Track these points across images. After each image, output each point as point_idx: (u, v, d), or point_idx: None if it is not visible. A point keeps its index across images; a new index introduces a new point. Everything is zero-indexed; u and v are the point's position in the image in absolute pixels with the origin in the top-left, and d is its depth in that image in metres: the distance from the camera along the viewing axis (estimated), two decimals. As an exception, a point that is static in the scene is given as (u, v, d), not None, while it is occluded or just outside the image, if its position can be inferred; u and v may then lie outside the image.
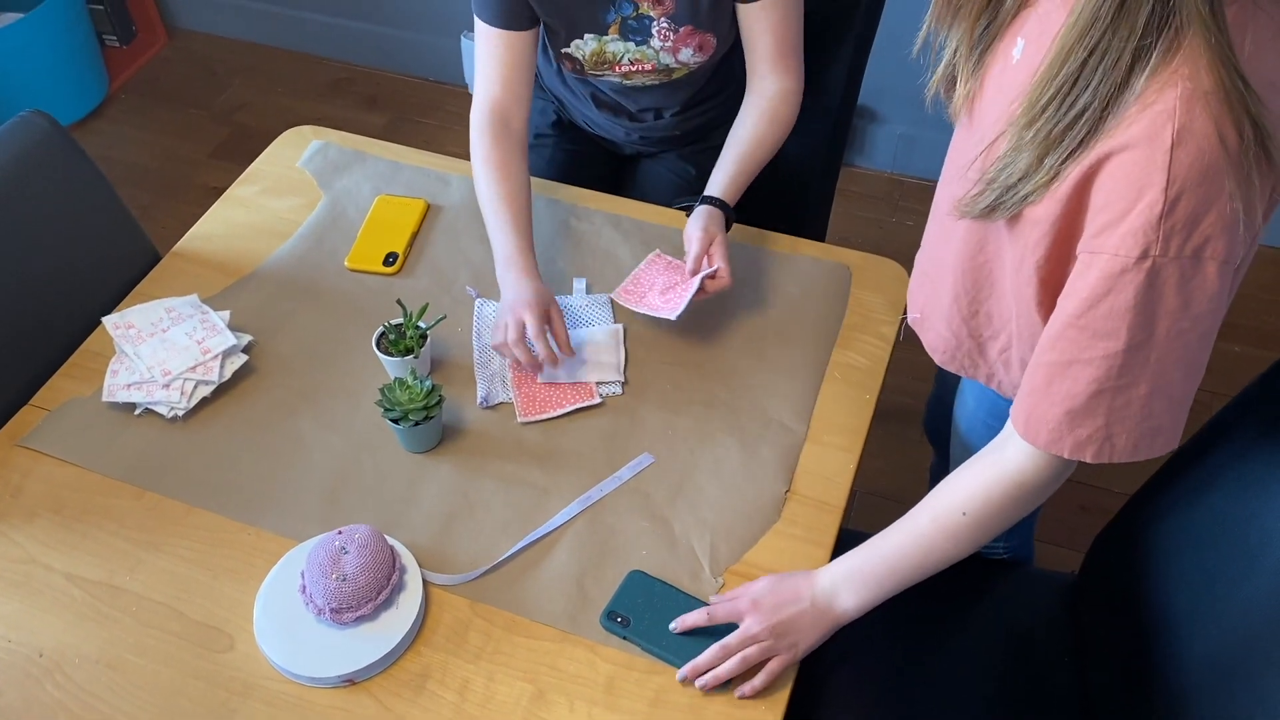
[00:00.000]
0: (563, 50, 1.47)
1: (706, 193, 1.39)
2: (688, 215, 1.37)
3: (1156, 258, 0.82)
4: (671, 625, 1.09)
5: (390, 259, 1.48)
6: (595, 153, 1.73)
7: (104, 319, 1.37)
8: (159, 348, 1.33)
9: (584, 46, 1.45)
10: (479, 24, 1.41)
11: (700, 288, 1.31)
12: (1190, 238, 0.81)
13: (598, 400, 1.31)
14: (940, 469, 1.60)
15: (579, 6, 1.40)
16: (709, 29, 1.42)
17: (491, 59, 1.42)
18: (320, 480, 1.24)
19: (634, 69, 1.47)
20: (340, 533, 1.12)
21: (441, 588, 1.15)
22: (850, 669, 1.28)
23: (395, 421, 1.21)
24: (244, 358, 1.34)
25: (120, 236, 1.51)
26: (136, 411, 1.30)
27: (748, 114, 1.44)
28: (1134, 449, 0.93)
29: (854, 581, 1.08)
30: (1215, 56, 0.78)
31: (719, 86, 1.56)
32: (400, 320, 1.32)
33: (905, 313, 1.27)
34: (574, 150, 1.72)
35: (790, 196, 1.74)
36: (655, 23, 1.40)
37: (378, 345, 1.31)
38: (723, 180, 1.39)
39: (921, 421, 1.72)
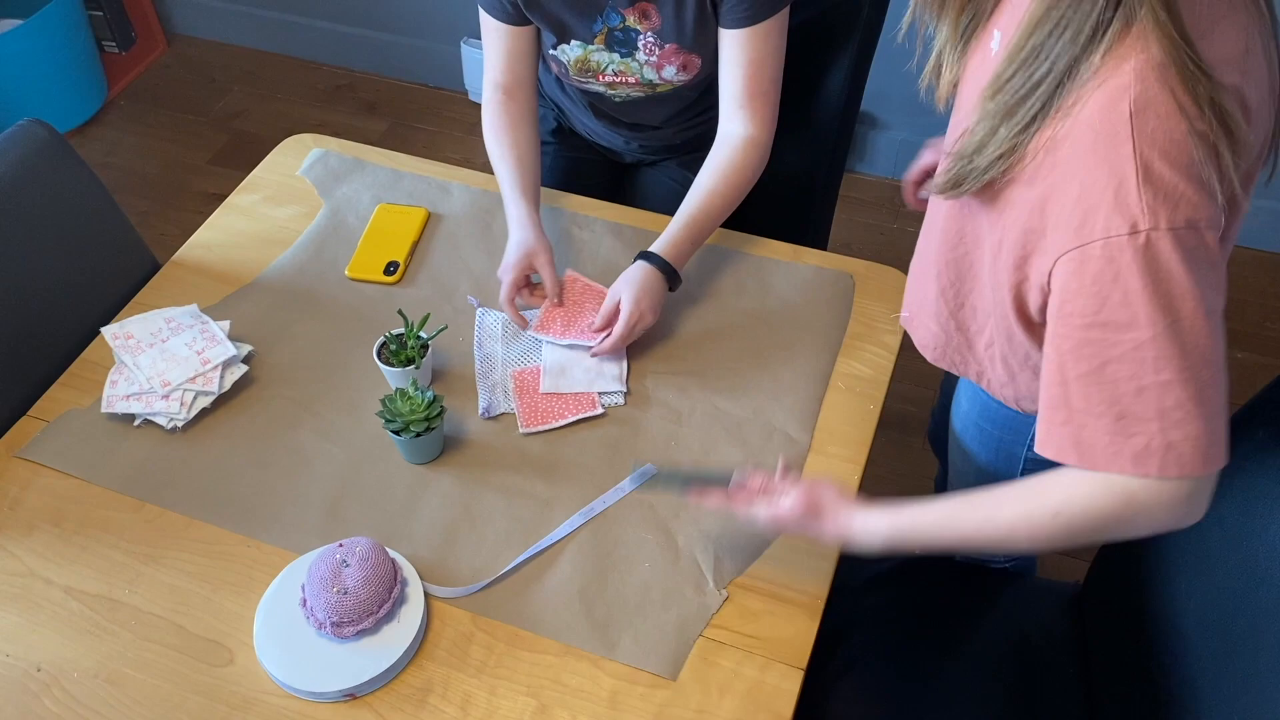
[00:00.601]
0: (549, 53, 1.47)
1: (650, 248, 1.37)
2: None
3: (1148, 230, 0.80)
4: (688, 490, 1.09)
5: (391, 268, 1.47)
6: (596, 160, 1.72)
7: (103, 329, 1.37)
8: (158, 358, 1.32)
9: (569, 52, 1.45)
10: (482, 12, 1.45)
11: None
12: (1178, 206, 0.80)
13: (600, 411, 1.30)
14: (945, 481, 1.59)
15: (567, 14, 1.40)
16: (694, 50, 1.41)
17: (494, 48, 1.48)
18: (321, 492, 1.23)
19: (618, 80, 1.47)
20: (341, 545, 1.11)
21: (443, 601, 1.14)
22: (854, 682, 1.27)
23: (396, 433, 1.21)
24: (244, 368, 1.34)
25: (119, 246, 1.50)
26: (136, 423, 1.30)
27: (708, 168, 1.42)
28: (1205, 455, 0.86)
29: (889, 520, 1.03)
30: (1163, 34, 0.79)
31: (714, 100, 1.55)
32: (401, 330, 1.31)
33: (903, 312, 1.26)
34: (574, 158, 1.71)
35: (792, 203, 1.73)
36: (642, 37, 1.40)
37: (378, 355, 1.30)
38: (666, 239, 1.37)
39: (926, 431, 1.71)
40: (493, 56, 1.49)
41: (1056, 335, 0.90)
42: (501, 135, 1.47)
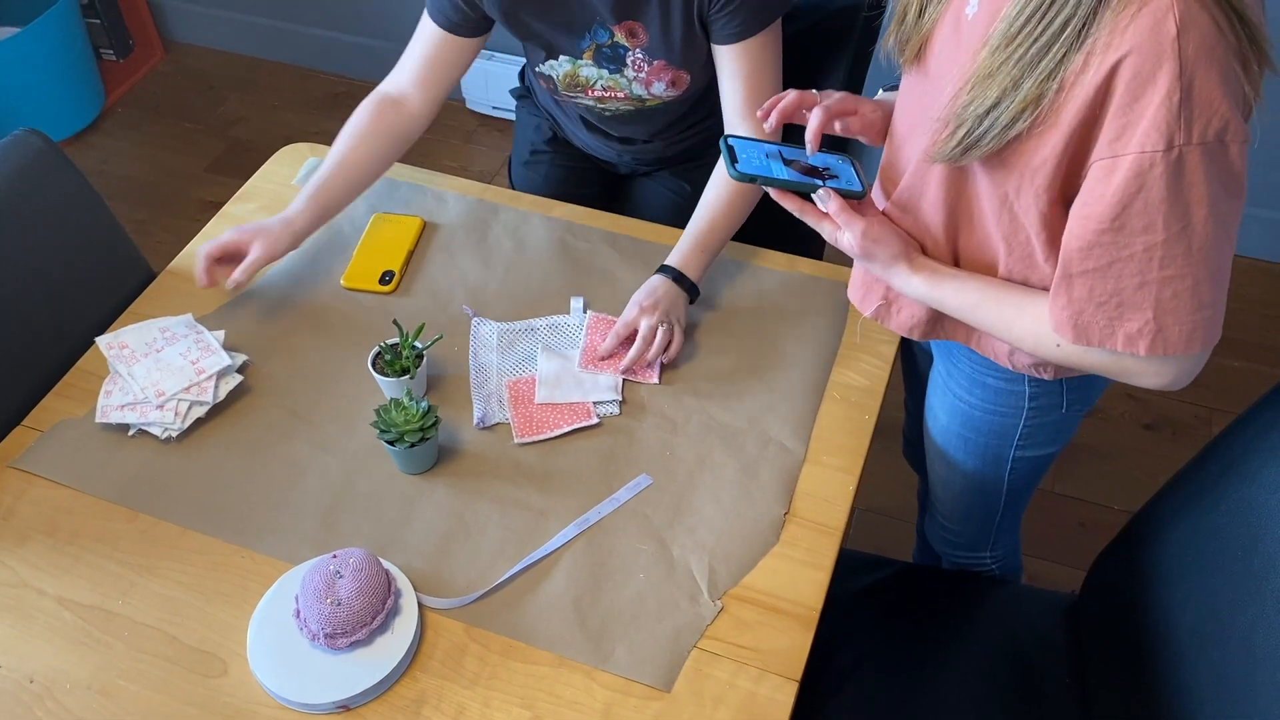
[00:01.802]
0: (538, 69, 1.47)
1: (666, 261, 1.38)
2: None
3: (1181, 146, 0.84)
4: (774, 185, 1.09)
5: (386, 277, 1.47)
6: (591, 170, 1.72)
7: (97, 339, 1.36)
8: (153, 368, 1.32)
9: (558, 68, 1.45)
10: (424, 15, 1.42)
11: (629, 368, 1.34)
12: (1210, 121, 0.83)
13: (595, 421, 1.30)
14: (927, 493, 1.59)
15: (556, 29, 1.40)
16: (682, 66, 1.41)
17: (416, 52, 1.45)
18: (315, 502, 1.23)
19: (607, 95, 1.47)
20: (335, 556, 1.11)
21: (437, 612, 1.13)
22: (848, 694, 1.27)
23: (391, 443, 1.20)
24: (239, 378, 1.34)
25: (114, 256, 1.50)
26: (130, 433, 1.29)
27: (714, 182, 1.42)
28: (1189, 340, 0.93)
29: (929, 285, 1.08)
30: None
31: (707, 112, 1.56)
32: (396, 340, 1.31)
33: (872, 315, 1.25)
34: (570, 167, 1.71)
35: (787, 212, 1.73)
36: (630, 53, 1.40)
37: (373, 365, 1.30)
38: (676, 251, 1.39)
39: (901, 451, 1.70)
40: (409, 60, 1.45)
41: (1068, 232, 0.94)
42: (350, 138, 1.44)
